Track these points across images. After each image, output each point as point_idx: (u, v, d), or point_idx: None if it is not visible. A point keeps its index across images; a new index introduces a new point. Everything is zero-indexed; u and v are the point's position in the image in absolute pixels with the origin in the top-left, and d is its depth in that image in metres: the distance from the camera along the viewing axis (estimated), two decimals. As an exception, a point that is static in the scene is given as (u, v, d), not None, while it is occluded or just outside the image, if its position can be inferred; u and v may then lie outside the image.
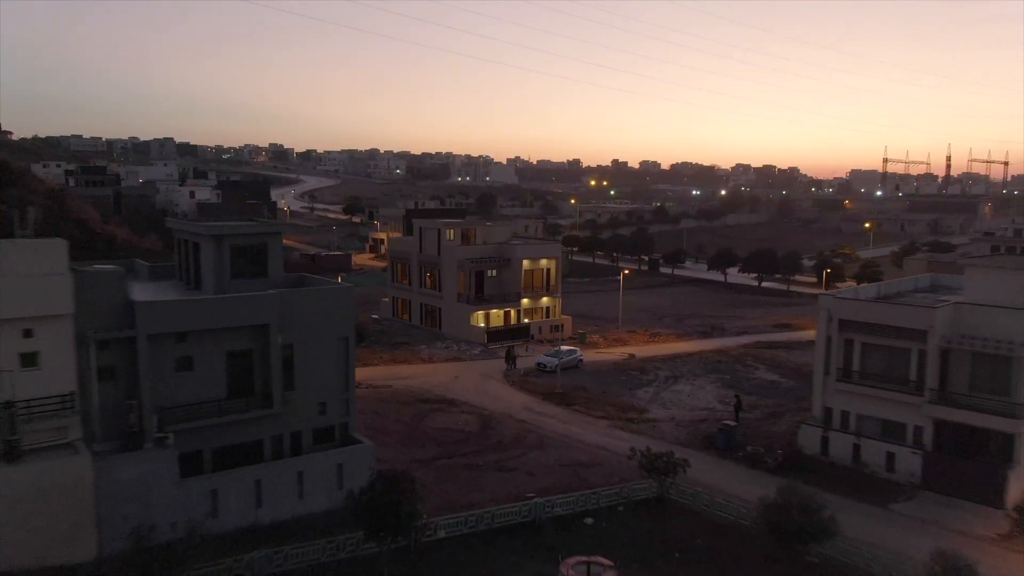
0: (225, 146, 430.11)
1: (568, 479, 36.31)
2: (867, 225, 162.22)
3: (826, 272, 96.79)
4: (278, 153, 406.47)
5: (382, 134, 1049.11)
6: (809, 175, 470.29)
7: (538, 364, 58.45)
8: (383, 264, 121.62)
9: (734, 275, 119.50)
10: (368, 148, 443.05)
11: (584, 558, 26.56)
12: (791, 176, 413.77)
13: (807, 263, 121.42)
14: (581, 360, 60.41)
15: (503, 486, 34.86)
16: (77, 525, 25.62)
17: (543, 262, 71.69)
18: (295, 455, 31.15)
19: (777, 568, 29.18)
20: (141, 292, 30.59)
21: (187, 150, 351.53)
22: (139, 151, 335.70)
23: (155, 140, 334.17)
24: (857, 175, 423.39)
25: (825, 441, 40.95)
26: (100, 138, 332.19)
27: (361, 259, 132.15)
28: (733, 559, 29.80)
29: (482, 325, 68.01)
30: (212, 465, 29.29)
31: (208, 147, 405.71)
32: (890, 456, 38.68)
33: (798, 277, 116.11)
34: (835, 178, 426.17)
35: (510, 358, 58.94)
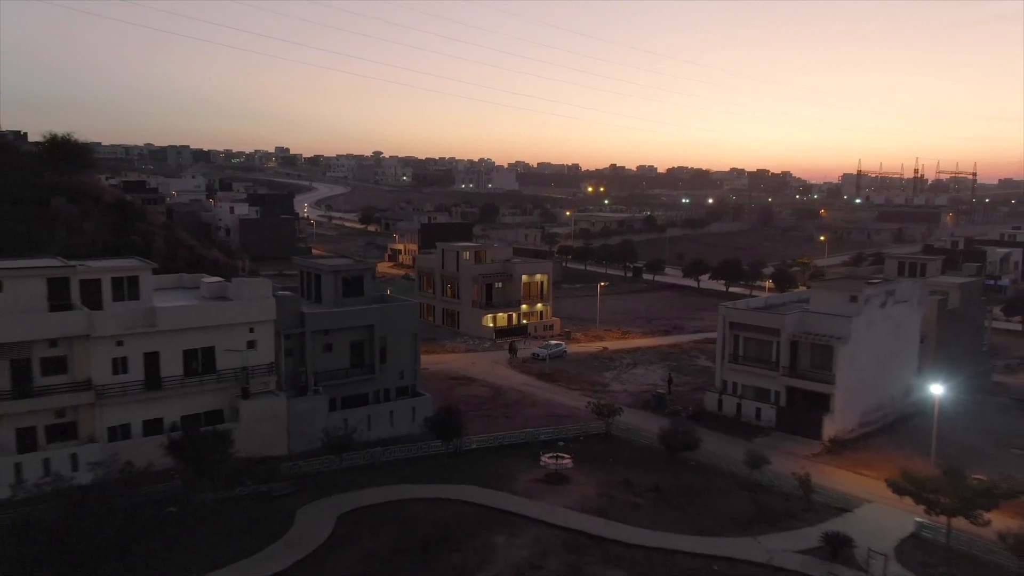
0: (234, 150, 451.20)
1: (550, 423, 58.58)
2: (822, 238, 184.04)
3: (767, 283, 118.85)
4: (286, 159, 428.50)
5: (385, 135, 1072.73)
6: (804, 178, 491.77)
7: (533, 354, 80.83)
8: (401, 272, 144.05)
9: (706, 281, 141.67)
10: (373, 150, 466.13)
11: (554, 453, 49.07)
12: (783, 181, 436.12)
13: (768, 271, 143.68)
14: (565, 351, 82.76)
15: (509, 425, 57.26)
16: (277, 434, 47.96)
17: (538, 276, 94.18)
18: (386, 401, 53.58)
19: (670, 467, 51.33)
20: (305, 306, 52.93)
21: (201, 156, 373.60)
22: (156, 158, 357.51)
23: (171, 148, 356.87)
24: (849, 179, 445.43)
25: (720, 402, 63.31)
26: (120, 145, 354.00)
27: (381, 267, 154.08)
28: (645, 463, 52.00)
29: (491, 325, 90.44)
30: (342, 405, 51.72)
31: (218, 151, 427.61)
32: (758, 410, 61.02)
33: (760, 283, 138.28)
34: (825, 182, 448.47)
35: (512, 349, 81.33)
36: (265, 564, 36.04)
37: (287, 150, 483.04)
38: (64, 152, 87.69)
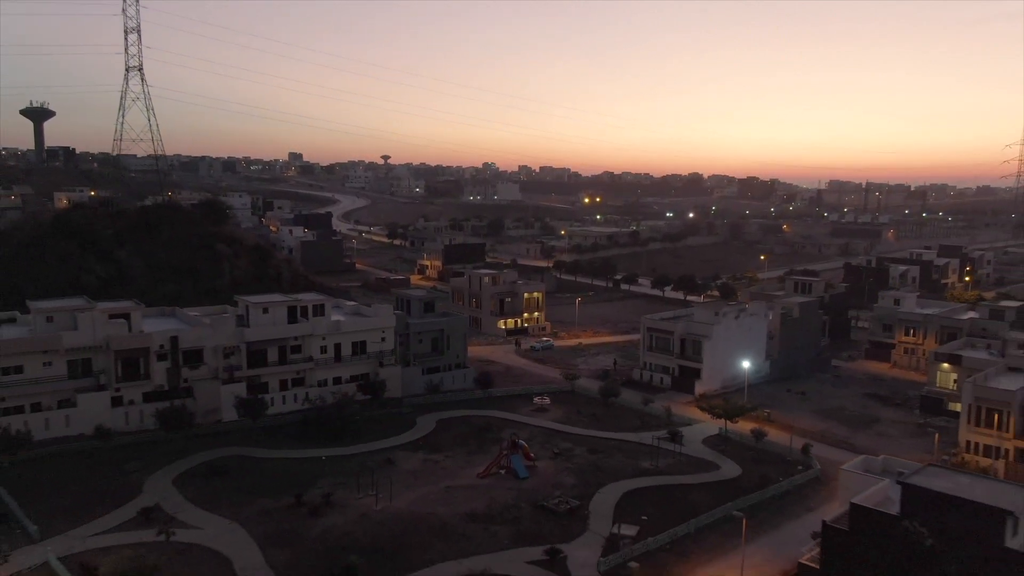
0: (252, 157, 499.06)
1: (540, 384, 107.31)
2: (762, 257, 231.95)
3: (706, 294, 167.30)
4: (304, 167, 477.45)
5: (389, 136, 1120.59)
6: (793, 182, 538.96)
7: (531, 347, 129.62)
8: (430, 283, 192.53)
9: (670, 291, 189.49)
10: (380, 154, 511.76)
11: (541, 397, 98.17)
12: (770, 188, 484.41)
13: (720, 282, 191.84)
14: (553, 345, 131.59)
15: (516, 384, 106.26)
16: (396, 386, 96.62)
17: (535, 293, 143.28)
18: (450, 371, 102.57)
19: (603, 406, 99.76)
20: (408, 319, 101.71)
21: (228, 166, 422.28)
22: (187, 168, 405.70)
23: (203, 160, 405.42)
24: (834, 185, 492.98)
25: (641, 374, 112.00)
26: (152, 156, 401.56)
27: (413, 280, 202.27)
28: (589, 403, 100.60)
29: (503, 327, 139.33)
30: (427, 372, 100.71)
31: (237, 158, 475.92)
32: (661, 378, 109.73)
33: (711, 293, 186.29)
34: (810, 187, 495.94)
35: (518, 344, 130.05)
36: (407, 436, 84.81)
37: (300, 156, 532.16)
38: (214, 209, 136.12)
